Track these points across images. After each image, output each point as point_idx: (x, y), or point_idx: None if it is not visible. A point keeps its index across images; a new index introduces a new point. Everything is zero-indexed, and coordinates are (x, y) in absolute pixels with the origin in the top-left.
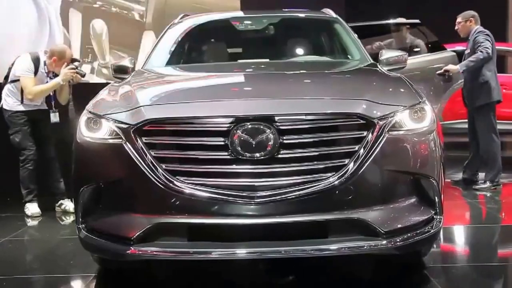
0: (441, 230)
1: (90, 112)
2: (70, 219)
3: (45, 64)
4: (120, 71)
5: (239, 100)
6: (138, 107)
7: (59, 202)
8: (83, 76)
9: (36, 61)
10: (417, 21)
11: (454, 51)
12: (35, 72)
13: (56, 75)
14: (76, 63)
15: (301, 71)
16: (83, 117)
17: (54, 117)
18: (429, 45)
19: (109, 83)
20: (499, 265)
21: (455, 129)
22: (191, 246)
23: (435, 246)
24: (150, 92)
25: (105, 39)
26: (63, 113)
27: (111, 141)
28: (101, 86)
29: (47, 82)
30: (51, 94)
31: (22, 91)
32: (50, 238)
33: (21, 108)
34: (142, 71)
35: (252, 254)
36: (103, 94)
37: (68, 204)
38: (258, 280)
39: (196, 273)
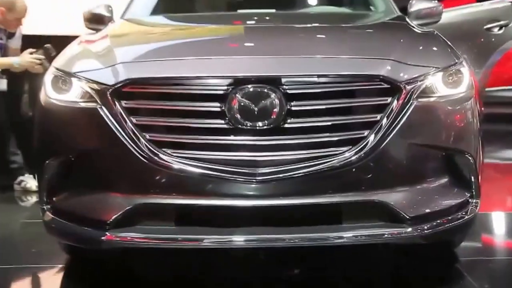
0: (477, 217)
1: (57, 69)
2: (32, 199)
3: None
4: (94, 21)
5: (239, 58)
6: (117, 64)
7: (18, 178)
8: (46, 69)
9: None
10: None
11: None
12: None
13: (10, 34)
14: (51, 52)
15: (314, 25)
16: (49, 76)
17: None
18: None
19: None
20: None
21: (501, 98)
22: (179, 232)
23: (469, 235)
24: (132, 46)
25: None
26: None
27: (83, 104)
28: (71, 39)
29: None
30: None
31: None
32: (7, 222)
33: None
34: (121, 21)
35: (252, 242)
36: (73, 47)
37: (29, 181)
38: (257, 273)
39: (184, 263)
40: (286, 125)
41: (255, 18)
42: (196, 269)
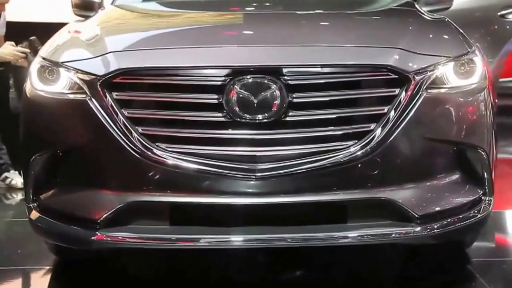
0: (490, 215)
1: (44, 59)
2: (17, 197)
3: None
4: (84, 7)
5: (237, 47)
6: (108, 53)
7: (3, 175)
8: (30, 63)
9: None
10: None
11: None
12: None
13: None
14: (37, 45)
15: (317, 11)
16: (35, 65)
17: None
18: None
19: None
20: None
21: None
22: (174, 232)
23: (482, 235)
24: (123, 35)
25: None
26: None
27: (71, 96)
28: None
29: None
30: None
31: None
32: None
33: None
34: (112, 8)
35: (251, 242)
36: (61, 36)
37: (14, 178)
38: (256, 275)
39: (179, 264)
40: (288, 118)
41: (255, 4)
42: (192, 270)
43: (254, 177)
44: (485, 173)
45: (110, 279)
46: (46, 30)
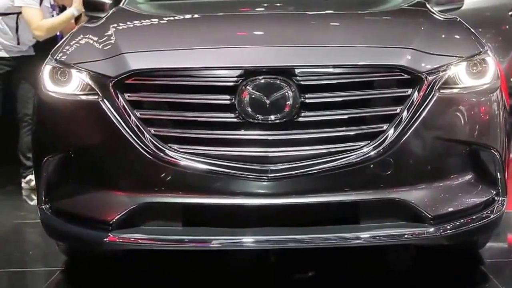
0: (504, 216)
1: (56, 60)
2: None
3: None
4: (94, 8)
5: (249, 48)
6: (120, 54)
7: (28, 177)
8: None
9: None
10: None
11: None
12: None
13: (63, 10)
14: None
15: (329, 12)
16: (47, 67)
17: None
18: None
19: None
20: None
21: None
22: (186, 233)
23: (495, 235)
24: (135, 36)
25: None
26: None
27: (83, 97)
28: None
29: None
30: None
31: (17, 29)
32: (5, 222)
33: (3, 54)
34: (123, 8)
35: (263, 244)
36: (73, 37)
37: None
38: (268, 276)
39: (190, 265)
40: (300, 119)
41: (266, 4)
42: (203, 272)
43: (266, 178)
44: (498, 174)
45: (120, 280)
46: None
